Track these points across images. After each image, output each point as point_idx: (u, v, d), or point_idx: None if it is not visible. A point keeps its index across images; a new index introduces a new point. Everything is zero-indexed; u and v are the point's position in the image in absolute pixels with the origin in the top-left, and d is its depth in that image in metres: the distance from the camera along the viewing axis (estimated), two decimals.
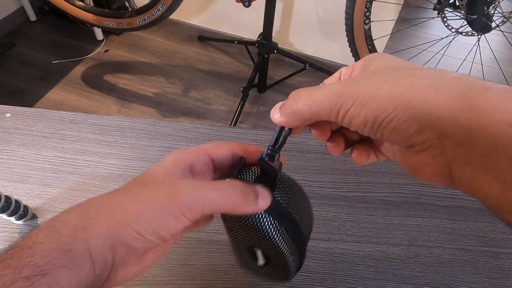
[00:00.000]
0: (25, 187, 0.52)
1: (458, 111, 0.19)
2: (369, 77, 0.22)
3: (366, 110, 0.21)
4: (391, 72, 0.22)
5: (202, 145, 0.29)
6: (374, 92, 0.21)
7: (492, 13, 1.14)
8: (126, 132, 0.58)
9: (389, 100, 0.20)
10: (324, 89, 0.23)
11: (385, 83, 0.21)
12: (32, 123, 0.58)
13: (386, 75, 0.22)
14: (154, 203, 0.23)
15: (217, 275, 0.46)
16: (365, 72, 0.24)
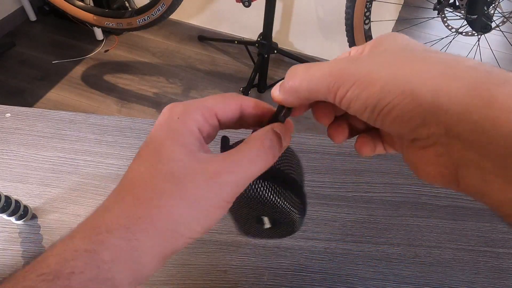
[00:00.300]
0: (25, 187, 0.52)
1: (470, 105, 0.16)
2: (374, 57, 0.20)
3: (366, 93, 0.18)
4: (399, 53, 0.19)
5: (206, 100, 0.24)
6: (376, 74, 0.18)
7: (492, 13, 1.14)
8: (126, 132, 0.58)
9: (392, 84, 0.18)
10: (323, 66, 0.21)
11: (391, 65, 0.18)
12: (32, 123, 0.58)
13: (394, 56, 0.19)
14: (201, 205, 0.21)
15: (217, 275, 0.46)
16: (373, 51, 0.21)
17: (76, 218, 0.49)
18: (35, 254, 0.46)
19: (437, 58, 0.18)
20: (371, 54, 0.21)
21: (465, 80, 0.17)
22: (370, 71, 0.18)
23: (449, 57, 0.18)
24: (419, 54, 0.19)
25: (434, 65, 0.18)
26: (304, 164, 0.56)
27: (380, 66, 0.18)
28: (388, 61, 0.19)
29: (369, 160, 0.57)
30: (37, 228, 0.48)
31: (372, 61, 0.19)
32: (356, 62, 0.20)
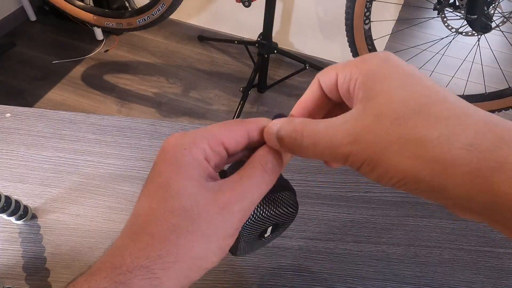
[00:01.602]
0: (25, 187, 0.52)
1: (472, 192, 0.17)
2: (373, 133, 0.20)
3: (375, 173, 0.20)
4: (395, 127, 0.19)
5: (211, 129, 0.24)
6: (380, 157, 0.19)
7: (492, 13, 1.14)
8: (126, 132, 0.58)
9: (395, 170, 0.19)
10: (332, 144, 0.21)
11: (389, 148, 0.19)
12: (32, 123, 0.58)
13: (391, 135, 0.19)
14: (217, 237, 0.22)
15: (217, 275, 0.46)
16: (368, 113, 0.20)
17: (76, 218, 0.49)
18: (35, 254, 0.46)
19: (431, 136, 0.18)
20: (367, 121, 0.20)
21: (463, 166, 0.17)
22: (372, 154, 0.20)
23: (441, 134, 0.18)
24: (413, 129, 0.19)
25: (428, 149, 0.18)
26: (304, 164, 0.56)
27: (383, 148, 0.19)
28: (385, 141, 0.19)
29: None
30: (37, 228, 0.48)
31: (372, 140, 0.20)
32: (359, 141, 0.20)
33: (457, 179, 0.17)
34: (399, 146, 0.19)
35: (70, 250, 0.47)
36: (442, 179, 0.18)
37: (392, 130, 0.19)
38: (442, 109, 0.19)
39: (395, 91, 0.20)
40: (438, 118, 0.18)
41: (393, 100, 0.20)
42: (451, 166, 0.17)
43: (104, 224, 0.49)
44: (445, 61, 1.53)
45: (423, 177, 0.18)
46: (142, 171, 0.54)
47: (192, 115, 1.67)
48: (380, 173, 0.20)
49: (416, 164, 0.18)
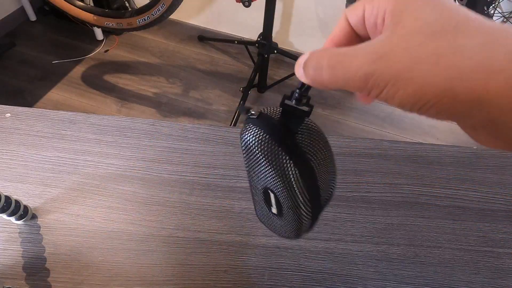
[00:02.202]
0: (25, 187, 0.52)
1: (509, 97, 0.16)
2: (403, 48, 0.18)
3: (402, 94, 0.18)
4: (431, 40, 0.18)
5: None
6: (410, 74, 0.18)
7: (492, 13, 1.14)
8: (126, 132, 0.58)
9: (427, 85, 0.17)
10: (351, 64, 0.19)
11: (423, 61, 0.18)
12: (32, 123, 0.58)
13: (425, 48, 0.18)
14: None
15: (217, 275, 0.46)
16: (397, 33, 0.19)
17: (76, 218, 0.49)
18: (35, 254, 0.46)
19: (469, 45, 0.17)
20: (396, 41, 0.19)
21: (505, 72, 0.16)
22: (402, 70, 0.18)
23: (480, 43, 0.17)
24: (448, 42, 0.18)
25: (470, 59, 0.17)
26: None
27: (412, 63, 0.18)
28: (419, 56, 0.18)
29: (369, 160, 0.57)
30: (37, 228, 0.48)
31: (402, 54, 0.18)
32: (384, 58, 0.19)
33: (501, 87, 0.16)
34: (436, 59, 0.17)
35: (70, 250, 0.47)
36: (484, 89, 0.16)
37: (426, 44, 0.18)
38: (482, 22, 0.18)
39: (428, 12, 0.19)
40: (478, 29, 0.18)
41: (426, 19, 0.18)
42: (495, 72, 0.16)
43: (104, 224, 0.49)
44: None
45: (463, 90, 0.17)
46: (142, 171, 0.54)
47: (192, 115, 1.67)
48: (409, 92, 0.18)
49: (456, 74, 0.17)
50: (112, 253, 0.47)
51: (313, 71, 0.21)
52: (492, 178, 0.56)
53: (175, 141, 0.58)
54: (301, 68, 0.22)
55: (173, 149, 0.57)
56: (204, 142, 0.58)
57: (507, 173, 0.57)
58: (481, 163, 0.58)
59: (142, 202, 0.51)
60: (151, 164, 0.55)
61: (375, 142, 0.60)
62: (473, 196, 0.54)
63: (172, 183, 0.53)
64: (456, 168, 0.57)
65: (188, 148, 0.57)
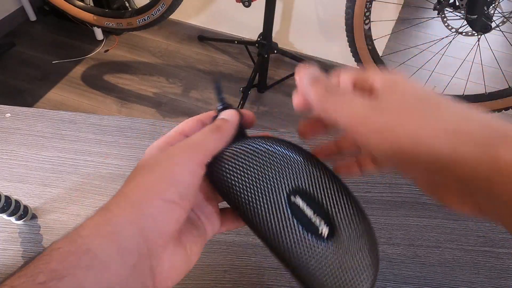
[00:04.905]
0: (25, 187, 0.52)
1: (479, 160, 0.19)
2: (392, 108, 0.22)
3: (385, 144, 0.21)
4: (416, 105, 0.22)
5: (174, 128, 0.29)
6: (395, 128, 0.21)
7: (492, 13, 1.14)
8: (126, 132, 0.58)
9: (408, 139, 0.21)
10: (349, 107, 0.23)
11: (407, 119, 0.21)
12: (32, 123, 0.58)
13: (410, 109, 0.22)
14: (164, 166, 0.24)
15: (217, 275, 0.46)
16: (388, 99, 0.23)
17: (76, 218, 0.49)
18: (35, 254, 0.46)
19: (448, 114, 0.21)
20: (387, 102, 0.23)
21: (474, 137, 0.20)
22: (389, 123, 0.21)
23: (458, 114, 0.21)
24: (432, 108, 0.22)
25: (447, 123, 0.21)
26: None
27: (398, 119, 0.21)
28: (405, 115, 0.21)
29: None
30: (37, 228, 0.49)
31: (391, 112, 0.22)
32: (377, 110, 0.22)
33: (470, 147, 0.19)
34: (423, 118, 0.21)
35: None
36: (456, 147, 0.20)
37: (416, 105, 0.22)
38: (456, 104, 0.22)
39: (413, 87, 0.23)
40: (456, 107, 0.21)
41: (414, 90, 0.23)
42: (466, 135, 0.20)
43: None
44: (445, 61, 1.53)
45: (442, 148, 0.20)
46: None
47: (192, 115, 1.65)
48: (395, 138, 0.21)
49: (439, 135, 0.20)
50: None
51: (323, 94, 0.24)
52: None
53: None
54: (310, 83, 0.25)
55: None
56: None
57: None
58: None
59: None
60: None
61: None
62: None
63: None
64: None
65: None
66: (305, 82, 0.25)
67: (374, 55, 1.32)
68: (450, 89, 1.38)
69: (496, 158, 0.19)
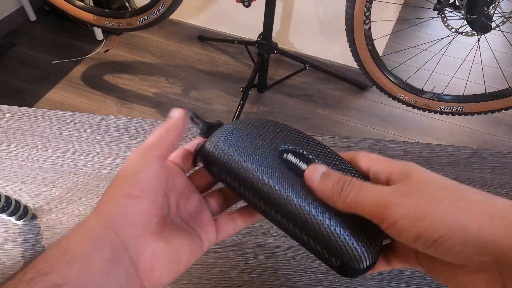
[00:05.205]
0: (25, 187, 0.52)
1: (507, 239, 0.19)
2: (418, 191, 0.22)
3: (419, 227, 0.21)
4: (442, 190, 0.22)
5: None
6: (427, 210, 0.21)
7: (492, 13, 1.14)
8: (126, 132, 0.58)
9: (443, 220, 0.21)
10: (373, 195, 0.23)
11: (438, 202, 0.21)
12: (32, 123, 0.58)
13: (438, 193, 0.22)
14: (123, 168, 0.26)
15: (217, 275, 0.46)
16: (411, 184, 0.23)
17: (76, 218, 0.49)
18: (35, 254, 0.46)
19: (476, 197, 0.22)
20: (411, 187, 0.23)
21: (506, 218, 0.20)
22: (419, 207, 0.21)
23: (485, 197, 0.22)
24: (460, 193, 0.22)
25: (477, 205, 0.21)
26: None
27: (428, 202, 0.22)
28: (434, 198, 0.22)
29: None
30: (37, 228, 0.48)
31: (418, 195, 0.22)
32: (401, 195, 0.22)
33: (500, 230, 0.20)
34: (451, 201, 0.21)
35: None
36: (492, 228, 0.20)
37: (440, 190, 0.22)
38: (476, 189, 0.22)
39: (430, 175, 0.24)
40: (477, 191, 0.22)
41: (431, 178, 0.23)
42: (498, 219, 0.20)
43: None
44: (445, 61, 1.53)
45: (472, 231, 0.20)
46: None
47: None
48: (426, 224, 0.21)
49: (466, 216, 0.20)
50: None
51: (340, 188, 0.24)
52: (492, 178, 0.56)
53: None
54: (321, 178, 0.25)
55: None
56: None
57: (507, 173, 0.57)
58: (481, 163, 0.58)
59: None
60: None
61: (375, 142, 0.60)
62: None
63: None
64: (456, 168, 0.57)
65: None
66: (316, 181, 0.25)
67: (374, 55, 1.33)
68: (450, 89, 1.38)
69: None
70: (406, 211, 0.21)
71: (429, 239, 0.21)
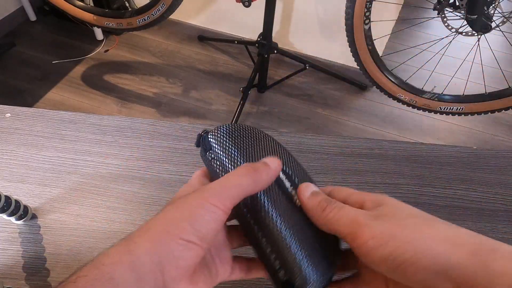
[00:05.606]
0: (25, 187, 0.52)
1: (474, 268, 0.21)
2: (389, 216, 0.25)
3: (385, 249, 0.23)
4: (410, 217, 0.24)
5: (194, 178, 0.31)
6: (394, 233, 0.23)
7: (492, 13, 1.14)
8: (126, 132, 0.58)
9: (409, 243, 0.22)
10: (349, 216, 0.25)
11: (406, 227, 0.23)
12: (32, 123, 0.58)
13: (407, 220, 0.24)
14: (188, 206, 0.25)
15: None
16: (383, 210, 0.26)
17: (76, 218, 0.49)
18: (35, 254, 0.46)
19: (439, 226, 0.24)
20: (384, 213, 0.25)
21: (466, 247, 0.21)
22: (388, 229, 0.23)
23: (448, 226, 0.24)
24: (425, 222, 0.24)
25: (440, 232, 0.23)
26: (304, 164, 0.56)
27: (396, 227, 0.23)
28: (401, 223, 0.24)
29: (369, 160, 0.57)
30: (37, 228, 0.48)
31: (388, 221, 0.24)
32: (375, 219, 0.25)
33: (465, 255, 0.21)
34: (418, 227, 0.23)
35: (70, 250, 0.47)
36: (452, 254, 0.21)
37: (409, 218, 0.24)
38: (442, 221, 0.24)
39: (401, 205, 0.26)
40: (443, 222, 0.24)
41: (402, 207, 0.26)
42: (459, 246, 0.22)
43: (104, 224, 0.49)
44: (445, 61, 1.53)
45: (435, 255, 0.21)
46: (142, 171, 0.54)
47: (192, 115, 1.67)
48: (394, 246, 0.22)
49: (430, 241, 0.22)
50: None
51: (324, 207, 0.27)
52: (492, 178, 0.56)
53: (175, 141, 0.58)
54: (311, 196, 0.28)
55: (173, 149, 0.57)
56: None
57: (507, 173, 0.57)
58: (481, 163, 0.58)
59: (142, 202, 0.51)
60: (151, 164, 0.55)
61: (375, 142, 0.60)
62: (473, 196, 0.54)
63: (172, 183, 0.53)
64: (456, 168, 0.57)
65: (188, 148, 0.57)
66: (306, 196, 0.28)
67: (374, 55, 1.33)
68: (450, 89, 1.38)
69: (488, 268, 0.20)
70: (375, 233, 0.23)
71: (395, 262, 0.22)
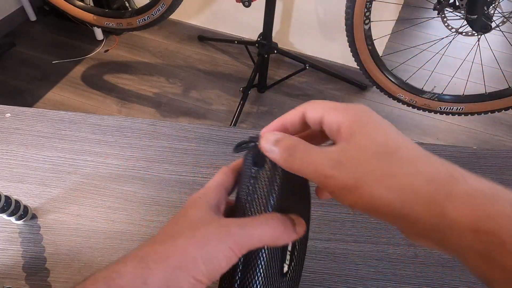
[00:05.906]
0: (25, 187, 0.52)
1: (426, 217, 0.21)
2: (353, 161, 0.24)
3: (349, 200, 0.23)
4: (377, 160, 0.23)
5: (216, 180, 0.31)
6: (361, 183, 0.23)
7: (492, 13, 1.14)
8: (126, 132, 0.58)
9: (369, 197, 0.23)
10: (317, 164, 0.24)
11: (365, 177, 0.23)
12: (32, 123, 0.58)
13: (371, 163, 0.23)
14: (208, 243, 0.24)
15: None
16: (349, 150, 0.24)
17: (76, 218, 0.49)
18: (35, 254, 0.46)
19: (400, 167, 0.23)
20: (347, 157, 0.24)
21: (422, 195, 0.22)
22: (353, 180, 0.23)
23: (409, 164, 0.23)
24: (390, 164, 0.23)
25: (400, 180, 0.22)
26: None
27: (361, 176, 0.23)
28: (364, 170, 0.23)
29: None
30: (37, 228, 0.49)
31: (349, 168, 0.23)
32: (337, 167, 0.24)
33: (416, 205, 0.21)
34: (377, 177, 0.23)
35: (70, 250, 0.47)
36: (408, 206, 0.22)
37: (372, 162, 0.23)
38: (410, 152, 0.24)
39: (374, 134, 0.24)
40: (407, 160, 0.23)
41: (373, 140, 0.24)
42: (412, 193, 0.22)
43: (104, 224, 0.49)
44: (445, 61, 1.53)
45: (395, 204, 0.22)
46: (142, 171, 0.54)
47: (192, 115, 1.67)
48: (356, 197, 0.23)
49: (391, 193, 0.22)
50: (112, 253, 0.47)
51: (287, 156, 0.26)
52: (492, 178, 0.56)
53: (175, 141, 0.58)
54: (273, 146, 0.27)
55: (173, 149, 0.57)
56: (204, 142, 0.58)
57: (507, 173, 0.57)
58: (481, 163, 0.58)
59: (142, 202, 0.51)
60: (151, 164, 0.55)
61: None
62: None
63: (172, 183, 0.53)
64: None
65: (188, 148, 0.57)
66: (268, 146, 0.27)
67: (374, 55, 1.33)
68: (450, 89, 1.38)
69: (443, 215, 0.21)
70: (339, 185, 0.23)
71: (361, 209, 0.23)
